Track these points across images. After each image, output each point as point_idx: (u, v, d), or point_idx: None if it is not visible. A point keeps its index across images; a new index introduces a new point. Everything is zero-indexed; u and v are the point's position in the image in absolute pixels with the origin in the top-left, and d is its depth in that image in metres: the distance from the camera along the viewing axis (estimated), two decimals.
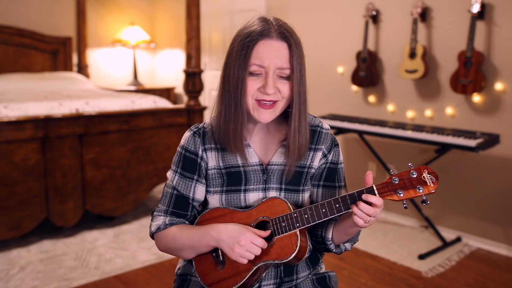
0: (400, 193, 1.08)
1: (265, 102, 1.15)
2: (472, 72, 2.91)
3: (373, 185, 1.10)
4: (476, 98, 3.02)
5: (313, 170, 1.26)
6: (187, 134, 1.27)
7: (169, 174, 1.29)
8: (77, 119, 2.99)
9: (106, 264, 2.75)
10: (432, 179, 1.07)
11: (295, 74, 1.14)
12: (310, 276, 1.32)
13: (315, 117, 1.30)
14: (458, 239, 3.15)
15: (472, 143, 2.65)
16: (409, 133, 2.95)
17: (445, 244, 3.05)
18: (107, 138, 3.15)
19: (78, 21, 5.03)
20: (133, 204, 3.34)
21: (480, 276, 2.68)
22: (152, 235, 1.29)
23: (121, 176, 3.24)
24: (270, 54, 1.12)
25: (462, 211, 3.20)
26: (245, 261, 1.13)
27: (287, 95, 1.16)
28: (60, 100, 3.16)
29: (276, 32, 1.13)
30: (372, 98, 3.63)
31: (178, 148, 1.28)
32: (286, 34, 1.14)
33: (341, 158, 1.31)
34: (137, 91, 5.10)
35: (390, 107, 3.51)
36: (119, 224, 3.37)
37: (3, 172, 2.76)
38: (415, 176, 1.08)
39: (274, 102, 1.15)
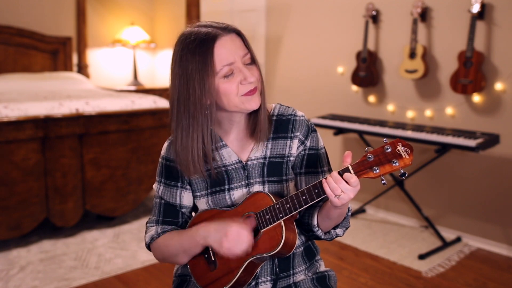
0: (375, 170, 1.07)
1: (250, 89, 1.16)
2: (472, 72, 2.91)
3: (349, 165, 1.10)
4: (476, 98, 3.02)
5: (292, 159, 1.27)
6: (165, 144, 1.30)
7: (155, 185, 1.32)
8: (77, 119, 2.99)
9: (106, 264, 2.75)
10: (407, 151, 1.05)
11: (254, 56, 1.18)
12: (310, 275, 1.33)
13: (288, 106, 1.30)
14: (458, 239, 3.15)
15: (472, 143, 2.65)
16: (409, 133, 2.95)
17: (445, 244, 3.05)
18: (107, 138, 3.15)
19: (78, 21, 5.03)
20: (133, 204, 3.34)
21: (480, 276, 2.68)
22: (148, 247, 1.31)
23: (121, 176, 3.24)
24: (230, 49, 1.13)
25: (462, 211, 3.20)
26: (235, 256, 1.13)
27: (260, 77, 1.19)
28: (60, 100, 3.16)
29: (219, 29, 1.14)
30: (372, 98, 3.63)
31: (160, 159, 1.30)
32: (228, 27, 1.16)
33: (321, 143, 1.31)
34: (137, 91, 5.10)
35: (390, 107, 3.51)
36: (119, 224, 3.37)
37: (3, 172, 2.76)
38: (389, 150, 1.06)
39: (255, 87, 1.18)
